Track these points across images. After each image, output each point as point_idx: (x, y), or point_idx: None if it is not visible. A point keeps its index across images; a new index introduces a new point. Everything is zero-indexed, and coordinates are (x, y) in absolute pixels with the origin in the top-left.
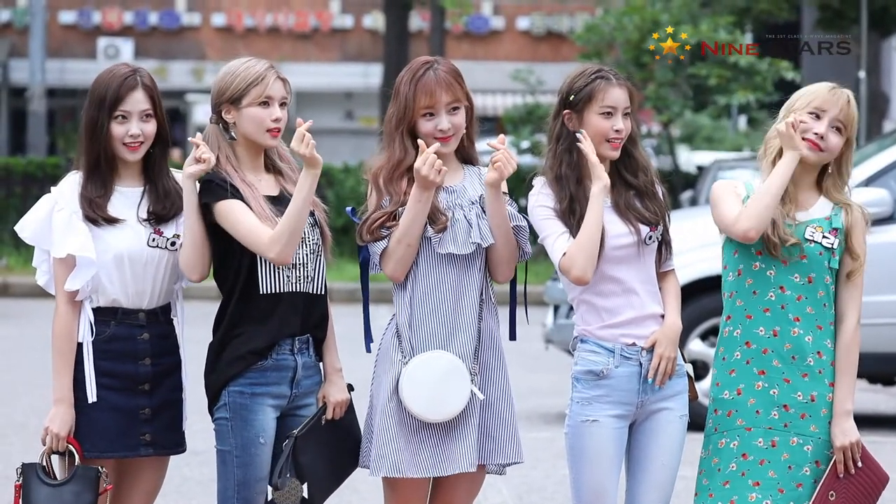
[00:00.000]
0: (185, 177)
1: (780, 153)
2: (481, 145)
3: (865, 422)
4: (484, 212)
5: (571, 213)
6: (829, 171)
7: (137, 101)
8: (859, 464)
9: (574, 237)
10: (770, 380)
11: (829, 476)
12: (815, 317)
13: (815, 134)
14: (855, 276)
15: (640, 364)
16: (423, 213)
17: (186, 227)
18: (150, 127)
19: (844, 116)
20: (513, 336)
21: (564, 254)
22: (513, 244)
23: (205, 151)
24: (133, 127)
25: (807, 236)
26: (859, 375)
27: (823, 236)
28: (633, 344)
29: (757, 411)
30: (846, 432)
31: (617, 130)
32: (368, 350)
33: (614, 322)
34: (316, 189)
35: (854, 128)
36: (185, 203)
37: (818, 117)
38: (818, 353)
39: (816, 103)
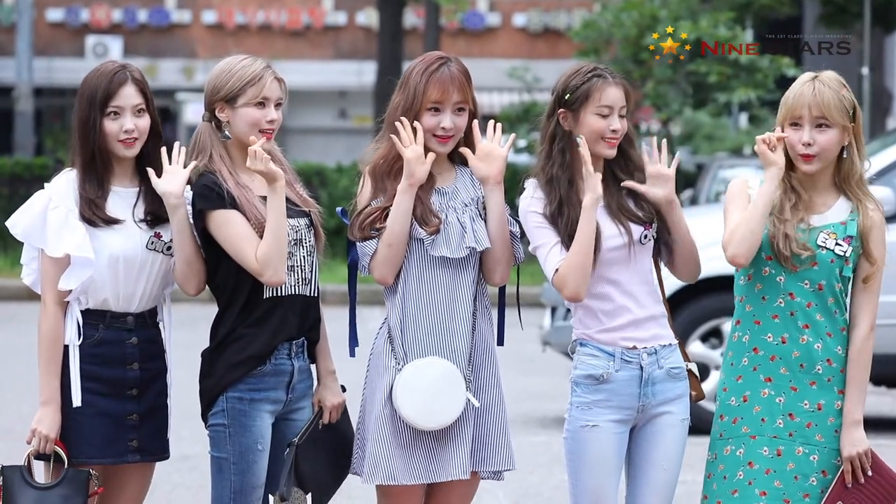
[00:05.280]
0: (161, 193)
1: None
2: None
3: (870, 425)
4: (479, 214)
5: (560, 216)
6: (843, 157)
7: (129, 95)
8: (869, 473)
9: (564, 244)
10: (777, 387)
11: (837, 486)
12: (824, 324)
13: (803, 145)
14: (871, 281)
15: (641, 367)
16: (406, 208)
17: (177, 244)
18: (144, 122)
19: (819, 110)
20: (500, 341)
21: (557, 270)
22: (510, 244)
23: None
24: (127, 122)
25: (819, 242)
26: None
27: (836, 243)
28: (634, 347)
29: (762, 419)
30: (855, 443)
31: (613, 130)
32: (352, 354)
33: (613, 325)
34: (309, 189)
35: (839, 110)
36: (172, 222)
37: (798, 125)
38: (827, 360)
39: (791, 114)
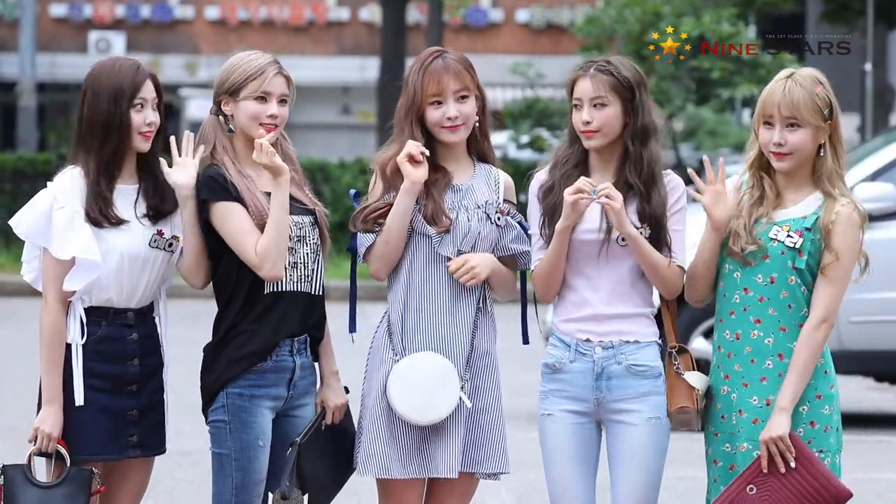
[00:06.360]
0: (173, 184)
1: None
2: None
3: (871, 421)
4: (488, 217)
5: (549, 193)
6: (820, 154)
7: (150, 89)
8: (792, 463)
9: (543, 227)
10: (732, 384)
11: (751, 469)
12: (777, 318)
13: (774, 144)
14: (828, 271)
15: (594, 361)
16: (405, 208)
17: (187, 237)
18: (158, 117)
19: (789, 110)
20: (525, 340)
21: (533, 270)
22: (511, 289)
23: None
24: (150, 114)
25: (770, 236)
26: (866, 373)
27: (788, 235)
28: (588, 340)
29: (722, 416)
30: (772, 427)
31: (584, 122)
32: (351, 333)
33: (575, 317)
34: (313, 185)
35: (810, 109)
36: (183, 214)
37: (770, 124)
38: (779, 355)
39: (763, 112)
